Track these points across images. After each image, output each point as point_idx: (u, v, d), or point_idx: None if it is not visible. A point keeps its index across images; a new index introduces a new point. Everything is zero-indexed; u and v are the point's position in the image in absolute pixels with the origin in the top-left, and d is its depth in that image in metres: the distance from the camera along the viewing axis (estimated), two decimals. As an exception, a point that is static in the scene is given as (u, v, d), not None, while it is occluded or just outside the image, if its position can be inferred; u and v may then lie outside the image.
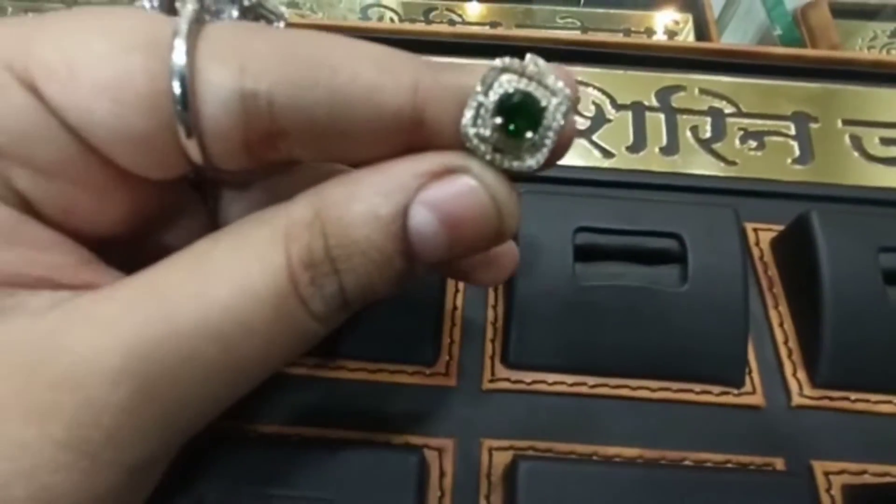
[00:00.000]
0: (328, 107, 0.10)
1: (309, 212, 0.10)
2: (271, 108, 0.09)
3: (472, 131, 0.10)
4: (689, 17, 0.39)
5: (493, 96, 0.10)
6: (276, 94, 0.09)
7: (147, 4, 0.14)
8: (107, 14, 0.10)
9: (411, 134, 0.10)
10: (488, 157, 0.10)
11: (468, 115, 0.10)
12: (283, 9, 0.13)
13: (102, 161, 0.10)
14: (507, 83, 0.10)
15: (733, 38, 0.40)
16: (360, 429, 0.17)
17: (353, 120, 0.10)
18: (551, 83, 0.10)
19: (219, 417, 0.11)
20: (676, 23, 0.39)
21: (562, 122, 0.10)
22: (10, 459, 0.09)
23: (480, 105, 0.10)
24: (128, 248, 0.11)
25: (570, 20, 0.39)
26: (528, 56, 0.10)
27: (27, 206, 0.10)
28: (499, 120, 0.10)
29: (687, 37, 0.38)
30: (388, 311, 0.18)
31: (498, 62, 0.10)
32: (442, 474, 0.16)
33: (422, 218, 0.10)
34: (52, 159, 0.10)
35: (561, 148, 0.11)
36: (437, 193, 0.10)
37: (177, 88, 0.09)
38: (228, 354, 0.10)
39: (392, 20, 0.39)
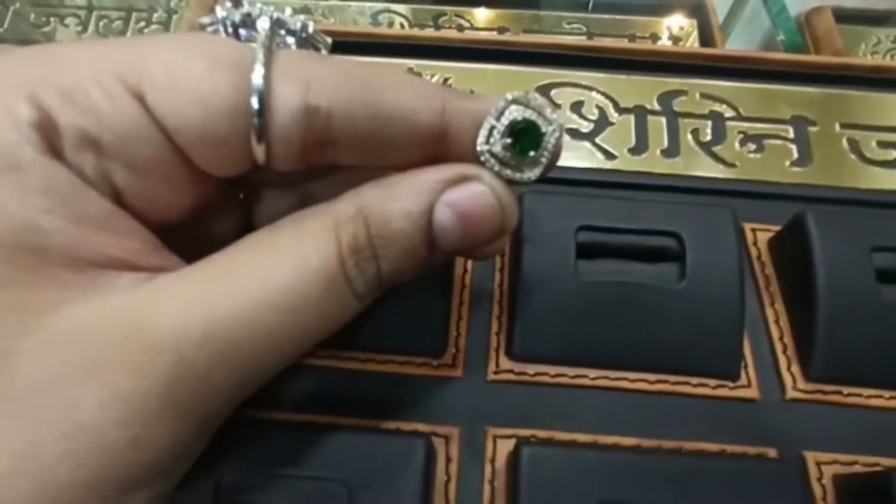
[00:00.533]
0: (374, 122, 0.12)
1: (353, 208, 0.12)
2: (329, 121, 0.12)
3: (485, 148, 0.13)
4: (695, 23, 0.40)
5: (504, 121, 0.12)
6: (334, 110, 0.12)
7: (210, 29, 0.15)
8: (201, 39, 0.12)
9: (436, 146, 0.13)
10: (496, 168, 0.13)
11: (483, 135, 0.13)
12: (328, 38, 0.15)
13: (184, 160, 0.12)
14: (516, 112, 0.12)
15: (738, 43, 0.41)
16: (370, 417, 0.17)
17: (392, 133, 0.12)
18: (549, 114, 0.13)
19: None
20: (682, 28, 0.39)
21: (556, 145, 0.13)
22: (111, 409, 0.10)
23: (493, 128, 0.13)
24: (181, 235, 0.13)
25: (576, 26, 0.40)
26: (531, 92, 0.13)
27: (118, 198, 0.12)
28: (508, 140, 0.13)
29: (692, 43, 0.39)
30: (398, 304, 0.19)
31: (508, 95, 0.13)
32: (448, 460, 0.17)
33: (443, 215, 0.12)
34: (146, 158, 0.11)
35: (552, 164, 0.13)
36: (456, 195, 0.13)
37: (255, 103, 0.11)
38: (289, 323, 0.11)
39: (402, 25, 0.40)
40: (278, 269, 0.11)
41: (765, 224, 0.22)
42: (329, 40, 0.15)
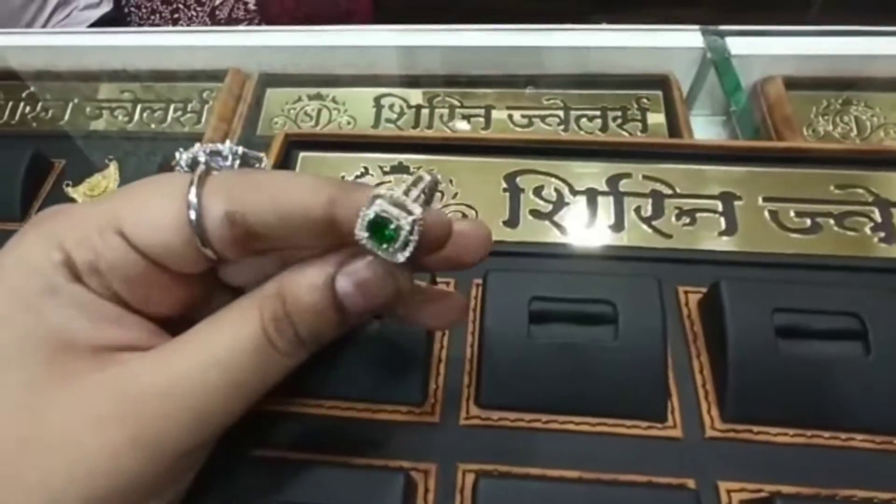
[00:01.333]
0: (278, 217, 0.15)
1: (274, 288, 0.16)
2: (245, 219, 0.15)
3: (359, 235, 0.15)
4: (660, 95, 0.45)
5: (364, 216, 0.14)
6: (248, 212, 0.15)
7: (179, 169, 0.20)
8: (159, 180, 0.17)
9: (333, 231, 0.15)
10: (375, 250, 0.15)
11: (357, 224, 0.15)
12: (261, 154, 0.19)
13: (160, 269, 0.16)
14: (377, 206, 0.14)
15: (701, 110, 0.46)
16: (360, 456, 0.22)
17: (295, 223, 0.15)
18: (409, 206, 0.14)
19: (236, 444, 0.17)
20: (649, 100, 0.44)
21: (413, 234, 0.14)
22: (103, 447, 0.14)
23: (362, 219, 0.15)
24: (186, 322, 0.18)
25: (554, 101, 0.45)
26: (402, 186, 0.15)
27: (121, 302, 0.17)
28: (365, 233, 0.14)
29: (659, 114, 0.43)
30: (386, 362, 0.23)
31: (379, 190, 0.15)
32: (426, 491, 0.21)
33: (343, 283, 0.16)
34: (131, 274, 0.16)
35: (428, 245, 0.15)
36: (352, 267, 0.16)
37: (192, 216, 0.15)
38: (229, 377, 0.15)
39: (401, 107, 0.46)
40: (219, 339, 0.16)
41: (695, 286, 0.26)
42: (262, 155, 0.20)
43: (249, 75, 0.48)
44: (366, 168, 0.31)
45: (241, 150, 0.18)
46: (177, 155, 0.19)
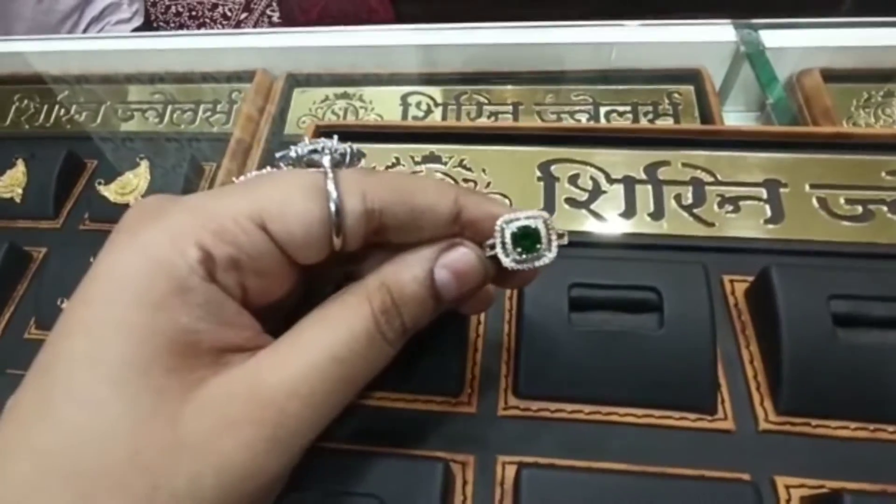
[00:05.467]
0: (410, 213, 0.17)
1: (377, 282, 0.17)
2: (380, 216, 0.16)
3: (500, 239, 0.17)
4: (692, 90, 0.44)
5: (514, 222, 0.17)
6: (383, 209, 0.16)
7: (286, 164, 0.20)
8: (293, 176, 0.16)
9: (451, 228, 0.17)
10: (512, 254, 0.17)
11: (499, 230, 0.17)
12: (363, 151, 0.20)
13: (288, 259, 0.16)
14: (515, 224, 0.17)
15: (735, 106, 0.44)
16: (399, 446, 0.21)
17: (423, 219, 0.17)
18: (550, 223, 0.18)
19: None
20: (680, 95, 0.43)
21: (552, 236, 0.18)
22: (243, 452, 0.14)
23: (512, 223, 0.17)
24: (276, 319, 0.18)
25: (583, 97, 0.44)
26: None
27: (245, 296, 0.16)
28: (509, 240, 0.17)
29: (692, 108, 0.43)
30: (424, 353, 0.23)
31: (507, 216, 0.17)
32: (465, 483, 0.20)
33: (441, 274, 0.17)
34: (267, 265, 0.16)
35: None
36: (448, 258, 0.17)
37: (334, 214, 0.16)
38: (346, 371, 0.16)
39: (428, 105, 0.45)
40: (335, 335, 0.16)
41: (741, 275, 0.25)
42: (364, 151, 0.20)
43: (277, 76, 0.48)
44: (397, 158, 0.30)
45: (353, 147, 0.19)
46: (292, 149, 0.18)
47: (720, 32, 0.44)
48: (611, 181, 0.28)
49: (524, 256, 0.17)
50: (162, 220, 0.15)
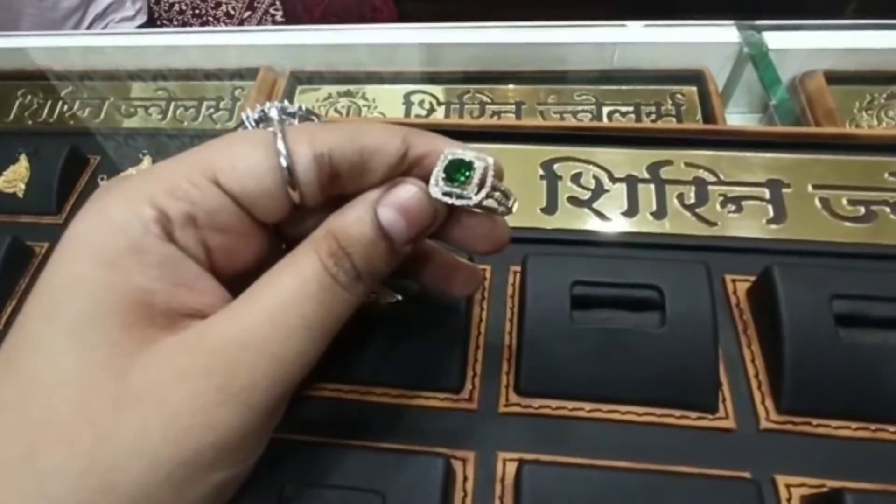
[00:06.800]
0: (360, 154, 0.16)
1: (323, 231, 0.17)
2: (331, 160, 0.16)
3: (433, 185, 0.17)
4: (695, 90, 0.44)
5: (448, 157, 0.16)
6: (332, 152, 0.16)
7: (247, 126, 0.20)
8: (242, 134, 0.17)
9: (403, 168, 0.17)
10: (450, 189, 0.16)
11: (438, 166, 0.16)
12: (319, 113, 0.20)
13: (248, 216, 0.17)
14: (450, 156, 0.16)
15: (738, 107, 0.44)
16: (401, 441, 0.21)
17: (373, 161, 0.17)
18: (479, 155, 0.16)
19: (287, 431, 0.16)
20: (683, 96, 0.43)
21: (487, 177, 0.16)
22: (192, 401, 0.14)
23: (444, 158, 0.17)
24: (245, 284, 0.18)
25: (586, 97, 0.44)
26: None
27: (209, 257, 0.16)
28: (443, 174, 0.16)
29: (694, 109, 0.43)
30: (425, 350, 0.23)
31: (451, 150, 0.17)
32: (465, 479, 0.20)
33: (385, 212, 0.16)
34: (226, 220, 0.16)
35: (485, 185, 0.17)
36: (392, 196, 0.17)
37: (283, 162, 0.16)
38: (299, 318, 0.15)
39: (431, 103, 0.45)
40: (284, 283, 0.16)
41: (743, 275, 0.25)
42: (321, 114, 0.21)
43: (280, 74, 0.48)
44: (399, 156, 0.30)
45: (304, 107, 0.19)
46: (243, 115, 0.19)
47: (724, 33, 0.44)
48: (613, 180, 0.28)
49: (448, 189, 0.16)
50: (122, 185, 0.16)
